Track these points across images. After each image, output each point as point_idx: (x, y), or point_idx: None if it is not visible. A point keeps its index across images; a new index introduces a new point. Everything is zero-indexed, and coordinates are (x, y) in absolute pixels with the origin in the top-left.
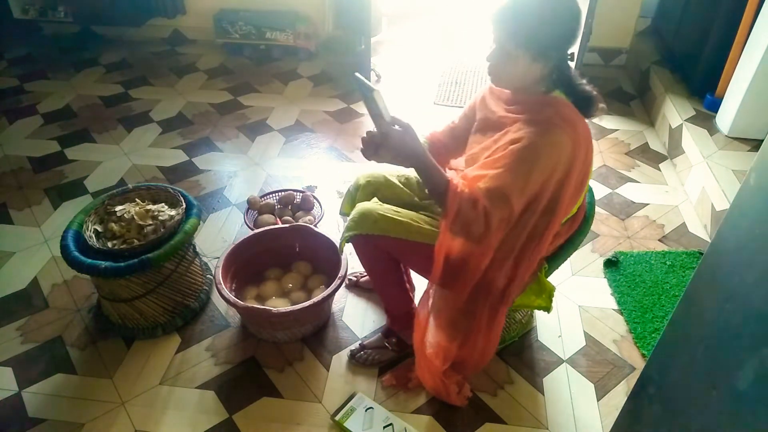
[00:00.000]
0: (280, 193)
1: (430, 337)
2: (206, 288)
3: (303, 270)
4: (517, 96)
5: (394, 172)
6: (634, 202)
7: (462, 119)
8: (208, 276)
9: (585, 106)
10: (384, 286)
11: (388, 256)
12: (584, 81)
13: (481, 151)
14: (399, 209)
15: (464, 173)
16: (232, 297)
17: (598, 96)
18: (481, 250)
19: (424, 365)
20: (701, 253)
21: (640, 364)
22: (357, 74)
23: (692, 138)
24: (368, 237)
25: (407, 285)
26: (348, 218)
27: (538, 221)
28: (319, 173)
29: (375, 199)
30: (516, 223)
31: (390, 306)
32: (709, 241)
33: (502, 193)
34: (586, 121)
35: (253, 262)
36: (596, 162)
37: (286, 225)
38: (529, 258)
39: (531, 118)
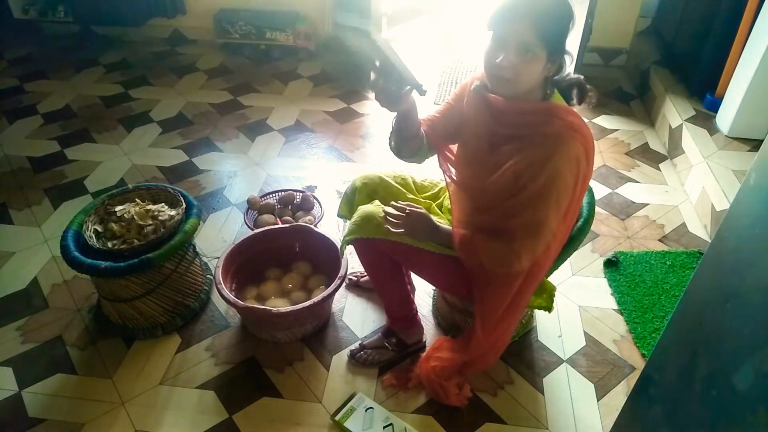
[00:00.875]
0: (280, 193)
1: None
2: (206, 288)
3: (303, 270)
4: (518, 104)
5: (389, 173)
6: (634, 202)
7: (447, 111)
8: (208, 276)
9: (580, 94)
10: (384, 287)
11: (389, 259)
12: (567, 72)
13: (484, 165)
14: None
15: (503, 226)
16: (232, 297)
17: (583, 80)
18: (541, 268)
19: (423, 368)
20: (701, 253)
21: (640, 364)
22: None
23: (692, 138)
24: (370, 240)
25: (408, 286)
26: (347, 220)
27: None
28: (319, 173)
29: (377, 202)
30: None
31: (390, 307)
32: (709, 241)
33: (542, 223)
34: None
35: (253, 262)
36: (596, 162)
37: (286, 225)
38: (545, 260)
39: (542, 134)
